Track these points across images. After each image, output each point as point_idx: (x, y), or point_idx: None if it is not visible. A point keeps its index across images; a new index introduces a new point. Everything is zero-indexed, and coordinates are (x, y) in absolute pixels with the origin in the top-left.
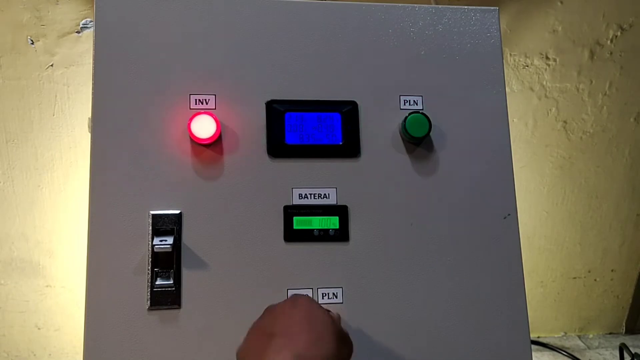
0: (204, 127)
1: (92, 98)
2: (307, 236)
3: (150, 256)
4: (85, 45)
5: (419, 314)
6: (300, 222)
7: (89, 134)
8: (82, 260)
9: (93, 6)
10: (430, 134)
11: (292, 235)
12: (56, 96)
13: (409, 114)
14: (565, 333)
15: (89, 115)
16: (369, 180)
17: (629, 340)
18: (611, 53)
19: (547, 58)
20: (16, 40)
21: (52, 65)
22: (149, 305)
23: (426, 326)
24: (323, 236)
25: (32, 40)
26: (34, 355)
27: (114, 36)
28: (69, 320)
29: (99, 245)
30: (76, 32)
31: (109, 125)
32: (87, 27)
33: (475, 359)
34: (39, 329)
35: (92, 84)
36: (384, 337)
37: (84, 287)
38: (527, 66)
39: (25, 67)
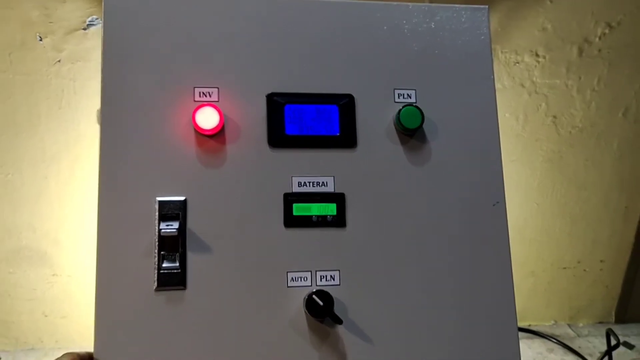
0: (207, 118)
1: (101, 91)
2: (306, 222)
3: (157, 240)
4: (91, 42)
5: (410, 296)
6: (299, 209)
7: (98, 126)
8: (88, 249)
9: (99, 4)
10: (423, 125)
11: (291, 221)
12: (63, 91)
13: (403, 106)
14: (556, 321)
15: (96, 108)
16: (365, 169)
17: (618, 329)
18: (599, 50)
19: (537, 55)
20: (25, 37)
21: (59, 61)
22: (156, 285)
23: (417, 307)
24: (321, 222)
25: (40, 37)
26: (42, 342)
27: (121, 32)
28: (75, 308)
29: (108, 229)
30: (83, 29)
31: (117, 117)
32: (93, 24)
33: (462, 341)
34: (46, 316)
35: (101, 77)
36: (378, 317)
37: (89, 275)
38: (518, 63)
39: (34, 63)
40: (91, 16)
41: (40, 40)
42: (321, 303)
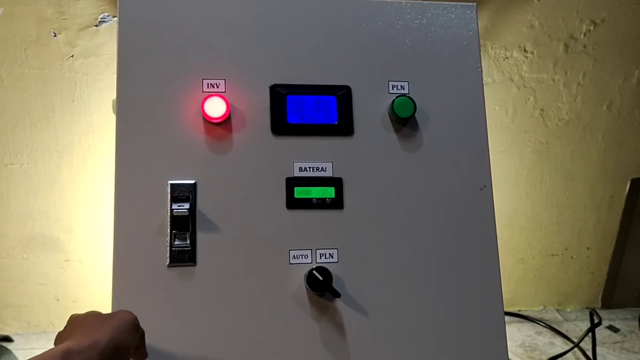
0: (215, 107)
1: (117, 82)
2: (306, 204)
3: (169, 220)
4: (102, 38)
5: (403, 273)
6: (300, 192)
7: (109, 118)
8: (99, 235)
9: (110, 2)
10: (415, 115)
11: (293, 203)
12: (76, 84)
13: (397, 97)
14: (545, 307)
15: (107, 101)
16: (361, 155)
17: (604, 314)
18: (584, 46)
19: (525, 51)
20: (40, 33)
21: (72, 56)
22: (168, 262)
23: (408, 283)
24: (321, 204)
25: (54, 33)
26: (53, 325)
27: (135, 27)
28: (86, 292)
29: (124, 210)
30: (95, 25)
31: (132, 107)
32: (104, 21)
33: (451, 314)
34: (57, 300)
35: (117, 70)
36: (373, 291)
37: (100, 260)
38: (507, 58)
39: (49, 58)
40: (103, 13)
41: (54, 36)
42: (321, 278)
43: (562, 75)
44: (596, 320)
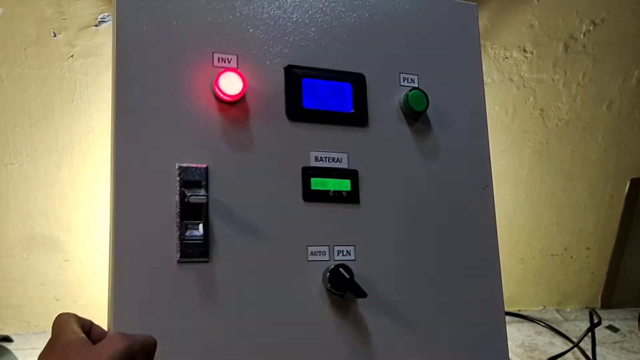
0: (231, 83)
1: (114, 53)
2: (323, 197)
3: (179, 208)
4: (102, 38)
5: (404, 272)
6: (317, 183)
7: (110, 118)
8: (99, 236)
9: (110, 2)
10: (427, 111)
11: (310, 195)
12: (76, 84)
13: (410, 89)
14: (544, 307)
15: (108, 101)
16: (376, 148)
17: (604, 314)
18: (584, 46)
19: (525, 51)
20: (40, 33)
21: (72, 56)
22: (179, 257)
23: (409, 282)
24: (337, 197)
25: (54, 33)
26: None
27: None
28: (86, 292)
29: (125, 198)
30: (94, 25)
31: (134, 82)
32: (104, 21)
33: (450, 318)
34: (57, 300)
35: (114, 41)
36: (390, 289)
37: (100, 260)
38: (507, 58)
39: (48, 58)
40: (102, 13)
41: (54, 36)
42: (347, 276)
43: (562, 75)
44: (596, 320)
